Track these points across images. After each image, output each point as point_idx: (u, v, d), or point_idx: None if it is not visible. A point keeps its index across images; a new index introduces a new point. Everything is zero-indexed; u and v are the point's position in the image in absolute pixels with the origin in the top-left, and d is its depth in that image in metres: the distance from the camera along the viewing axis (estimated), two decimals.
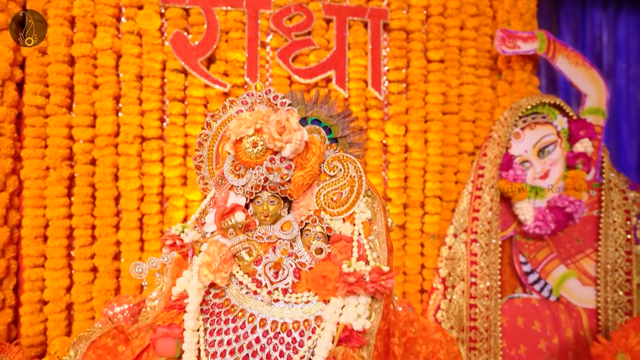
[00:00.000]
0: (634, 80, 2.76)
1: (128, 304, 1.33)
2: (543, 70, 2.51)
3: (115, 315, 1.33)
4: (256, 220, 0.99)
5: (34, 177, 1.54)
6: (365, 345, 0.87)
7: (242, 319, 0.92)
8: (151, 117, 1.61)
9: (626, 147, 2.77)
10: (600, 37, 2.72)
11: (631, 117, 2.78)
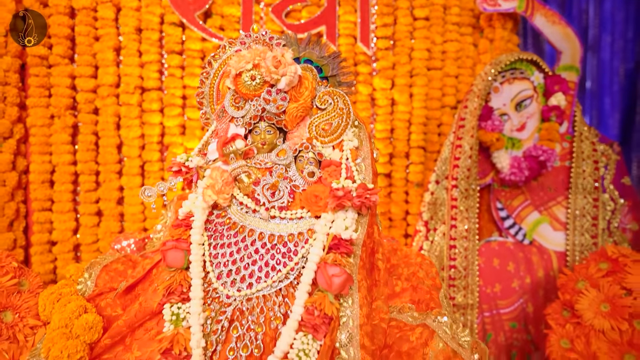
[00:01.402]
0: (617, 54, 2.78)
1: (134, 238, 1.43)
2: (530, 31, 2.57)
3: (122, 248, 1.43)
4: (254, 148, 1.09)
5: (40, 124, 1.61)
6: (352, 253, 0.98)
7: (243, 234, 1.03)
8: (150, 69, 1.68)
9: (608, 120, 2.83)
10: (586, 10, 2.73)
11: (614, 91, 2.82)
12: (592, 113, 2.84)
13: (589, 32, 2.75)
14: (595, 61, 2.81)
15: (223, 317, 0.97)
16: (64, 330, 0.98)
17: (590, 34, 2.75)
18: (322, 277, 0.93)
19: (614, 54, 2.79)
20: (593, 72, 2.86)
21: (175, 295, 0.99)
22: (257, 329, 0.94)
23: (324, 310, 0.90)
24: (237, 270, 0.99)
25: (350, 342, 0.92)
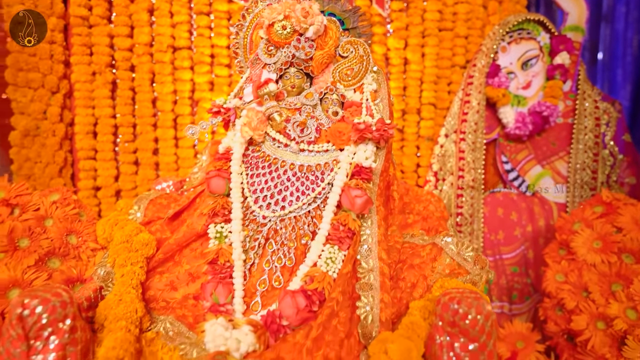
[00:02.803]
0: (632, 25, 2.73)
1: (172, 180, 1.58)
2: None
3: (162, 189, 1.58)
4: (284, 91, 1.22)
5: (83, 80, 1.74)
6: (371, 180, 1.12)
7: (276, 165, 1.17)
8: (181, 29, 1.79)
9: (619, 92, 2.80)
10: None
11: (626, 62, 2.78)
12: (603, 84, 2.79)
13: (603, 3, 2.71)
14: (609, 32, 2.76)
15: (260, 235, 1.12)
16: (126, 245, 1.14)
17: (605, 4, 2.70)
18: (346, 198, 1.07)
19: (628, 25, 2.74)
20: (606, 43, 2.81)
21: (218, 217, 1.14)
22: (289, 245, 1.09)
23: (348, 225, 1.05)
24: (271, 195, 1.14)
25: (370, 255, 1.07)
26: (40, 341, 0.79)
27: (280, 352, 0.91)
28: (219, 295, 1.05)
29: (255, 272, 1.10)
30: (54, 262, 1.25)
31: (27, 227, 1.24)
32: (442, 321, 0.81)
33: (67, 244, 1.28)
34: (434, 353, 0.82)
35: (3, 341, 0.78)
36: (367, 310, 0.96)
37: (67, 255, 1.28)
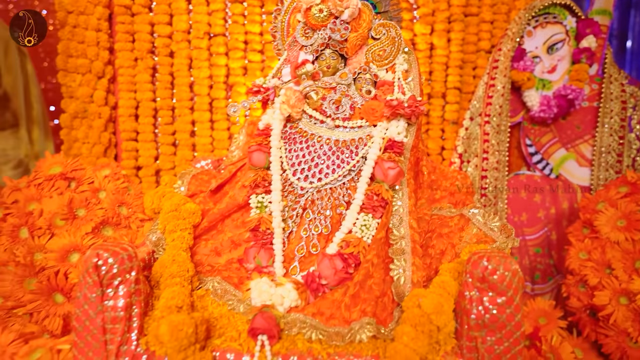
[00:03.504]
0: None
1: (210, 158, 1.67)
2: None
3: (202, 167, 1.67)
4: (320, 72, 1.29)
5: (126, 66, 1.85)
6: (403, 153, 1.18)
7: (312, 140, 1.24)
8: (217, 17, 1.87)
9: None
10: None
11: None
12: (631, 72, 2.77)
13: None
14: (639, 19, 2.75)
15: (298, 205, 1.20)
16: (174, 213, 1.23)
17: None
18: (379, 170, 1.14)
19: None
20: (635, 30, 2.80)
21: (259, 188, 1.22)
22: (325, 214, 1.17)
23: (382, 195, 1.12)
24: (308, 168, 1.21)
25: (401, 224, 1.13)
26: (112, 288, 0.89)
27: (320, 307, 0.99)
28: (261, 259, 1.13)
29: (293, 239, 1.18)
30: (107, 230, 1.36)
31: (83, 199, 1.36)
32: (471, 277, 0.87)
33: (119, 214, 1.38)
34: (463, 307, 0.88)
35: (81, 287, 0.88)
36: (400, 272, 1.03)
37: (119, 225, 1.39)
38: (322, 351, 0.88)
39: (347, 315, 0.96)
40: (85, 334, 0.88)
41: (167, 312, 0.90)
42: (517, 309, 0.84)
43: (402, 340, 0.85)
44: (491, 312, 0.84)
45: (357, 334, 0.89)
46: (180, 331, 0.84)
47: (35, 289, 1.20)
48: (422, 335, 0.85)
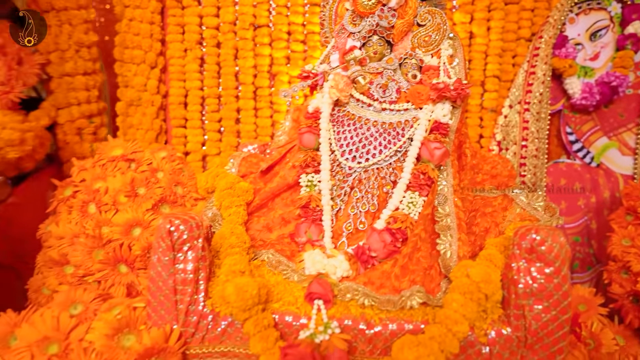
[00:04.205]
0: None
1: (257, 143, 1.75)
2: None
3: (248, 151, 1.76)
4: (367, 58, 1.34)
5: (176, 56, 1.95)
6: (448, 135, 1.22)
7: (360, 122, 1.30)
8: (262, 8, 1.95)
9: None
10: None
11: None
12: None
13: None
14: None
15: (345, 184, 1.25)
16: (229, 191, 1.31)
17: None
18: (425, 150, 1.18)
19: None
20: None
21: (309, 168, 1.28)
22: (372, 192, 1.22)
23: (428, 174, 1.16)
24: (356, 149, 1.27)
25: (446, 202, 1.17)
26: (182, 253, 0.98)
27: (370, 277, 1.04)
28: (312, 233, 1.20)
29: (341, 216, 1.24)
30: (165, 207, 1.45)
31: (144, 178, 1.45)
32: (519, 249, 0.91)
33: (175, 193, 1.48)
34: (510, 278, 0.92)
35: (155, 251, 0.97)
36: (447, 246, 1.07)
37: (175, 203, 1.48)
38: (375, 316, 0.94)
39: (396, 285, 1.02)
40: (158, 294, 0.97)
41: (231, 275, 0.98)
42: (565, 280, 0.88)
43: (451, 306, 0.89)
44: (539, 282, 0.88)
45: (408, 301, 0.94)
46: (246, 292, 0.91)
47: (102, 259, 1.31)
48: (471, 303, 0.89)
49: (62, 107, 1.88)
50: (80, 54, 1.86)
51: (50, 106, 1.83)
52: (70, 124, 1.89)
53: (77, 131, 1.90)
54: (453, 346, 0.85)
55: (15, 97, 1.72)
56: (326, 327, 0.90)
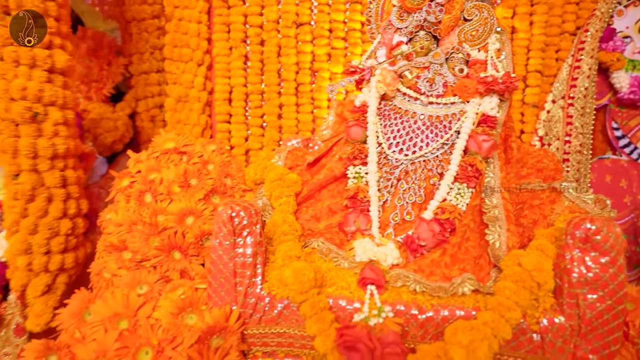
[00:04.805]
0: None
1: (301, 138, 1.80)
2: None
3: (292, 145, 1.81)
4: (413, 53, 1.36)
5: (222, 54, 2.02)
6: (495, 128, 1.23)
7: (407, 116, 1.32)
8: (304, 6, 1.99)
9: None
10: None
11: None
12: None
13: None
14: None
15: (392, 176, 1.28)
16: (279, 182, 1.36)
17: None
18: (473, 143, 1.20)
19: None
20: None
21: (357, 160, 1.32)
22: (419, 184, 1.24)
23: (476, 166, 1.17)
24: (403, 142, 1.29)
25: (493, 194, 1.18)
26: (241, 238, 1.03)
27: (420, 265, 1.07)
28: (360, 223, 1.24)
29: (388, 207, 1.27)
30: (215, 198, 1.52)
31: (195, 169, 1.52)
32: (573, 239, 0.92)
33: (225, 184, 1.54)
34: (564, 267, 0.93)
35: (216, 235, 1.03)
36: (496, 237, 1.08)
37: (225, 194, 1.55)
38: (426, 302, 0.97)
39: (446, 273, 1.04)
40: (219, 276, 1.03)
41: (288, 260, 1.03)
42: (621, 269, 0.88)
43: (504, 293, 0.91)
44: (594, 271, 0.88)
45: (460, 288, 0.96)
46: (303, 275, 0.96)
47: (158, 245, 1.38)
48: (524, 290, 0.91)
49: (139, 99, 2.27)
50: (154, 55, 2.21)
51: (131, 98, 2.26)
52: (146, 113, 2.27)
53: (151, 118, 2.28)
54: (506, 332, 0.87)
55: (107, 92, 2.18)
56: (380, 311, 0.93)
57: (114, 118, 2.13)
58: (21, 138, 1.33)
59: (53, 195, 1.41)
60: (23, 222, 1.37)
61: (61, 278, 1.46)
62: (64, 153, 1.42)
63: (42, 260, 1.39)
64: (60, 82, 1.40)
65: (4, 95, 1.31)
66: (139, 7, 2.16)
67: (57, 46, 1.39)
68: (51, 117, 1.37)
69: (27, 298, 1.41)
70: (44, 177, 1.38)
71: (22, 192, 1.35)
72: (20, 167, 1.35)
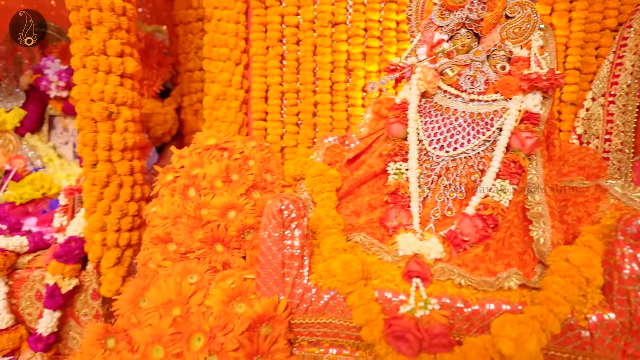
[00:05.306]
0: None
1: (338, 135, 1.83)
2: None
3: (329, 142, 1.83)
4: (454, 51, 1.37)
5: (259, 54, 2.06)
6: (539, 125, 1.23)
7: (448, 113, 1.33)
8: (340, 6, 2.02)
9: None
10: None
11: None
12: None
13: None
14: None
15: (433, 173, 1.29)
16: (320, 178, 1.39)
17: None
18: (517, 140, 1.20)
19: None
20: None
21: (398, 157, 1.34)
22: (460, 180, 1.25)
23: (519, 162, 1.18)
24: (444, 139, 1.30)
25: (537, 191, 1.18)
26: (290, 230, 1.06)
27: (464, 260, 1.08)
28: (402, 218, 1.25)
29: (428, 203, 1.28)
30: (256, 193, 1.56)
31: (237, 165, 1.57)
32: (624, 235, 0.91)
33: (265, 180, 1.58)
34: (614, 264, 0.92)
35: (266, 228, 1.07)
36: (540, 233, 1.08)
37: (265, 189, 1.59)
38: (472, 296, 0.98)
39: (491, 268, 1.05)
40: (268, 267, 1.07)
41: (335, 253, 1.06)
42: None
43: (552, 288, 0.92)
44: None
45: (506, 282, 0.97)
46: (352, 267, 0.98)
47: (202, 238, 1.43)
48: (572, 286, 0.91)
49: (184, 95, 2.48)
50: (198, 54, 2.37)
51: (177, 94, 2.48)
52: (190, 107, 2.47)
53: (194, 112, 2.46)
54: (555, 326, 0.87)
55: (158, 89, 2.43)
56: (426, 304, 0.95)
57: (163, 113, 2.33)
58: (99, 134, 1.52)
59: (124, 182, 1.60)
60: (99, 205, 1.57)
61: (128, 252, 1.67)
62: (132, 146, 1.61)
63: (114, 237, 1.59)
64: (130, 85, 1.57)
65: (86, 98, 1.49)
66: (185, 12, 2.32)
67: (128, 55, 1.56)
68: (123, 116, 1.55)
69: (101, 269, 1.62)
70: (117, 166, 1.57)
71: (99, 179, 1.54)
72: (98, 158, 1.54)
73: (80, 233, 1.64)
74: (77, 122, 1.54)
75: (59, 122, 2.36)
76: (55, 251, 1.58)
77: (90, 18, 1.46)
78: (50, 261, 1.56)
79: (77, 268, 1.60)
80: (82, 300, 1.64)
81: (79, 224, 1.66)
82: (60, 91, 2.20)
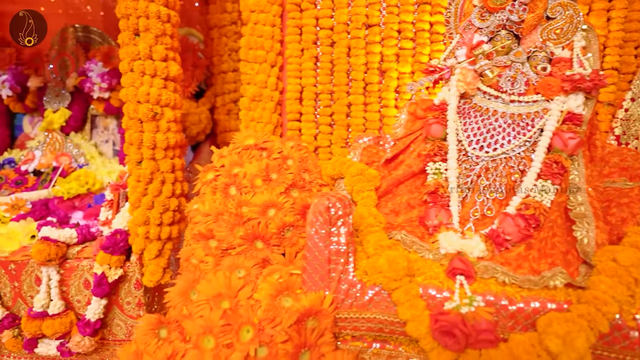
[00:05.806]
0: None
1: (372, 135, 1.85)
2: None
3: (364, 142, 1.86)
4: (494, 52, 1.38)
5: (294, 55, 2.11)
6: (581, 125, 1.23)
7: (487, 114, 1.34)
8: (374, 8, 2.04)
9: None
10: None
11: None
12: None
13: None
14: None
15: (472, 173, 1.31)
16: (360, 177, 1.42)
17: None
18: (559, 140, 1.21)
19: None
20: None
21: (437, 157, 1.36)
22: (500, 180, 1.26)
23: (561, 163, 1.18)
24: (484, 139, 1.32)
25: (579, 191, 1.19)
26: (335, 227, 1.10)
27: (507, 259, 1.09)
28: (442, 217, 1.27)
29: (467, 203, 1.30)
30: (294, 191, 1.60)
31: (276, 164, 1.61)
32: None
33: (303, 179, 1.62)
34: None
35: (313, 224, 1.10)
36: (584, 233, 1.08)
37: (303, 188, 1.62)
38: (516, 294, 0.99)
39: (535, 266, 1.06)
40: (314, 263, 1.10)
41: (380, 250, 1.09)
42: None
43: (599, 287, 0.92)
44: None
45: (551, 281, 0.98)
46: (397, 263, 1.01)
47: (243, 235, 1.47)
48: (620, 285, 0.91)
49: (218, 95, 2.60)
50: (231, 56, 2.48)
51: (211, 95, 2.60)
52: (222, 107, 2.59)
53: (227, 112, 2.59)
54: (603, 325, 0.88)
55: (193, 90, 2.53)
56: (471, 300, 0.97)
57: (198, 112, 2.43)
58: (144, 133, 1.60)
59: (166, 178, 1.68)
60: (143, 200, 1.65)
61: (168, 245, 1.75)
62: (174, 144, 1.68)
63: (156, 230, 1.68)
64: (172, 87, 1.65)
65: (132, 99, 1.57)
66: (220, 15, 2.41)
67: (171, 59, 1.65)
68: (166, 116, 1.62)
69: (143, 260, 1.71)
70: (160, 164, 1.66)
71: (143, 176, 1.63)
72: (143, 156, 1.62)
73: (125, 226, 1.73)
74: (124, 122, 1.62)
75: (100, 121, 2.46)
76: (101, 243, 1.66)
77: (138, 25, 1.54)
78: (98, 252, 1.65)
79: (122, 259, 1.68)
80: (125, 289, 1.73)
81: (124, 217, 1.75)
82: (102, 92, 2.30)
